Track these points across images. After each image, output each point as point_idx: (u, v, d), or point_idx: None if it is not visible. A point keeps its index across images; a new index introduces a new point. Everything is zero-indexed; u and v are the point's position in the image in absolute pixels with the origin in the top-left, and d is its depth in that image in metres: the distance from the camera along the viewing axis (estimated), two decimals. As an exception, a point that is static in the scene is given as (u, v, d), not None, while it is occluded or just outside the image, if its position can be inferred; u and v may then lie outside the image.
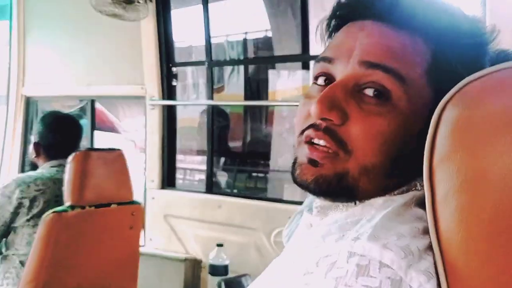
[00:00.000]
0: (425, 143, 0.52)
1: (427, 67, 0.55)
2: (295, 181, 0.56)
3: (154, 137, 2.48)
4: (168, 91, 2.44)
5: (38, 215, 1.93)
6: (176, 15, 2.51)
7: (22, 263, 1.93)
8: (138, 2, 2.06)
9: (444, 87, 0.53)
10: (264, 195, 3.25)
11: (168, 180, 2.51)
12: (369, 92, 0.53)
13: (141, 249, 2.09)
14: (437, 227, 0.47)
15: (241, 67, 3.85)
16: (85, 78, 2.70)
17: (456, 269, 0.45)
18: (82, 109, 3.09)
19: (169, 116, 2.48)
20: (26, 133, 2.90)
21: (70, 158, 1.77)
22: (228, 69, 3.96)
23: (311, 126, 0.55)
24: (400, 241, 0.46)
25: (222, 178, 3.82)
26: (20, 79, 2.91)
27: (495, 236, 0.43)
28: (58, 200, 1.99)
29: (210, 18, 2.32)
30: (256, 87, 3.94)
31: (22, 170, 2.14)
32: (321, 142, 0.54)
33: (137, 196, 2.04)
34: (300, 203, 0.71)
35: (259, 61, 3.90)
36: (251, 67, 3.89)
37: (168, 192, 2.48)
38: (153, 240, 2.48)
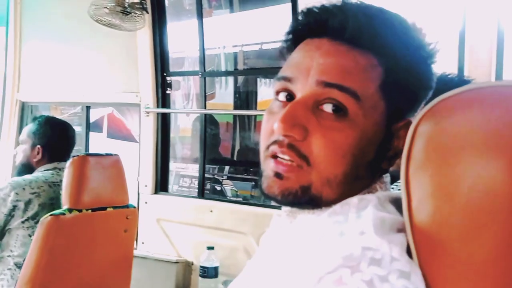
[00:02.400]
0: (382, 151, 0.59)
1: (380, 82, 0.58)
2: (263, 193, 0.60)
3: (148, 143, 2.53)
4: (162, 99, 2.51)
5: (33, 217, 1.97)
6: (174, 27, 2.56)
7: (16, 265, 1.96)
8: (135, 13, 2.12)
9: (397, 99, 0.59)
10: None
11: (161, 185, 2.56)
12: (328, 108, 0.57)
13: (134, 252, 2.13)
14: (413, 229, 0.52)
15: (231, 79, 3.91)
16: (81, 85, 2.75)
17: (430, 268, 0.50)
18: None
19: (163, 123, 2.55)
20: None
21: (68, 162, 1.81)
22: (219, 78, 4.02)
23: (275, 142, 0.58)
24: (396, 237, 0.52)
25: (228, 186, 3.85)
26: (15, 84, 2.94)
27: (462, 238, 0.49)
28: (53, 203, 2.03)
29: (204, 31, 2.39)
30: (245, 97, 4.00)
31: (18, 174, 2.17)
32: (286, 157, 0.57)
33: (131, 200, 2.09)
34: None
35: (250, 72, 3.96)
36: (240, 78, 3.95)
37: (161, 197, 2.53)
38: (146, 243, 2.52)
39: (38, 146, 2.14)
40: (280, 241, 0.62)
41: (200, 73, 2.44)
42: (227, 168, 4.01)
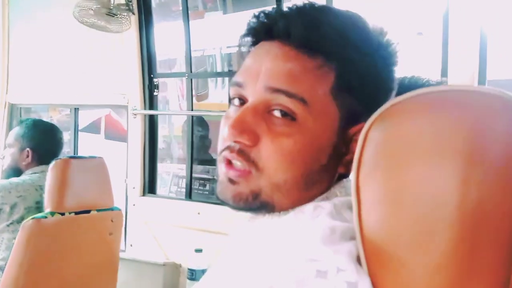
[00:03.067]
0: (338, 155, 0.58)
1: (330, 86, 0.57)
2: (217, 197, 0.60)
3: (136, 145, 2.53)
4: (150, 101, 2.51)
5: (18, 220, 1.97)
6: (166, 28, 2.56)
7: (0, 268, 1.96)
8: (121, 14, 2.11)
9: (351, 102, 0.58)
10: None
11: (149, 187, 2.56)
12: (277, 113, 0.57)
13: (122, 254, 2.13)
14: (363, 237, 0.52)
15: (226, 78, 3.91)
16: (69, 87, 2.75)
17: (378, 276, 0.50)
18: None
19: (150, 125, 2.54)
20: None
21: (51, 165, 1.81)
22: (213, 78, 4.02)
23: (228, 147, 0.58)
24: (345, 246, 0.51)
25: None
26: (4, 86, 2.95)
27: (408, 246, 0.49)
28: (39, 207, 2.03)
29: (190, 32, 2.39)
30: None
31: (6, 177, 2.17)
32: (237, 163, 0.57)
33: (119, 203, 2.09)
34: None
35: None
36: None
37: (148, 199, 2.53)
38: (134, 245, 2.53)
39: (28, 149, 2.14)
40: (240, 246, 0.62)
41: (186, 75, 2.44)
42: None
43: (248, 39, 0.63)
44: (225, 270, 0.61)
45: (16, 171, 2.17)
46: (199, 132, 2.99)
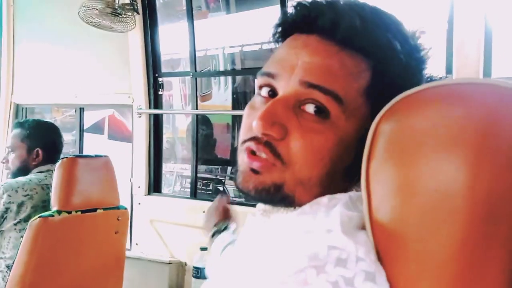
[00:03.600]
0: (361, 156, 0.56)
1: (365, 86, 0.56)
2: (238, 187, 0.58)
3: (141, 144, 2.54)
4: (154, 100, 2.52)
5: (25, 219, 1.98)
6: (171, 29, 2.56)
7: (8, 267, 1.96)
8: (126, 14, 2.12)
9: (381, 103, 0.55)
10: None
11: (154, 186, 2.57)
12: (309, 108, 0.55)
13: (127, 253, 2.14)
14: (373, 229, 0.52)
15: (229, 79, 3.91)
16: (74, 87, 2.76)
17: (389, 267, 0.50)
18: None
19: (155, 124, 2.55)
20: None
21: (57, 164, 1.82)
22: (216, 80, 4.03)
23: (253, 138, 0.56)
24: (362, 235, 0.51)
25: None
26: (9, 87, 2.97)
27: (420, 237, 0.48)
28: (46, 205, 2.04)
29: (195, 32, 2.40)
30: (243, 97, 3.99)
31: (14, 176, 2.18)
32: (262, 155, 0.55)
33: (123, 202, 2.09)
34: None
35: (243, 73, 3.95)
36: (238, 79, 3.94)
37: (154, 198, 2.54)
38: (139, 244, 2.54)
39: (38, 149, 2.15)
40: (254, 241, 0.61)
41: (191, 74, 2.45)
42: (229, 168, 4.01)
43: (281, 29, 0.61)
44: (243, 264, 0.60)
45: (24, 172, 2.17)
46: (204, 131, 2.99)
